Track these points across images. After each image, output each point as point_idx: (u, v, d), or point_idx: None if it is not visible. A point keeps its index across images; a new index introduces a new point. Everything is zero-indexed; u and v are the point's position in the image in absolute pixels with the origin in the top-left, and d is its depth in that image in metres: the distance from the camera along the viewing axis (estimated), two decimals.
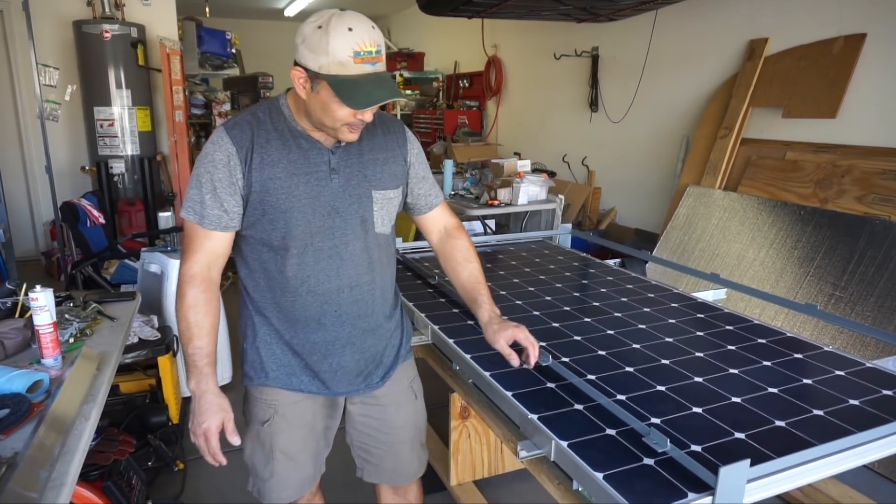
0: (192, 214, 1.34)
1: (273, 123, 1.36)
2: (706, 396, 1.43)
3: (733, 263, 3.57)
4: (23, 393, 1.38)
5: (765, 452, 1.19)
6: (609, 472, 1.13)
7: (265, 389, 1.48)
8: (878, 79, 3.24)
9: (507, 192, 4.14)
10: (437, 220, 1.63)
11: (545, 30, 5.92)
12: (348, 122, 1.29)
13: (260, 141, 1.33)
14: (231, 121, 1.37)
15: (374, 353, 1.53)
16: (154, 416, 2.64)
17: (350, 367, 1.49)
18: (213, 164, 1.32)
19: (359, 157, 1.42)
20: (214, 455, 1.34)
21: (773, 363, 1.62)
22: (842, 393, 1.45)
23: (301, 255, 1.37)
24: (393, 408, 1.59)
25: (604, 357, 1.66)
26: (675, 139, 4.61)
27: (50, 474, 1.15)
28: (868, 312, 2.88)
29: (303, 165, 1.35)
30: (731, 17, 4.08)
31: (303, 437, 1.53)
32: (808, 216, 3.35)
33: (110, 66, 4.95)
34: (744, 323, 1.92)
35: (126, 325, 1.98)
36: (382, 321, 1.53)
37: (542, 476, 1.35)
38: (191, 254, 1.36)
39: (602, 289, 2.28)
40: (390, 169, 1.47)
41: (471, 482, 2.31)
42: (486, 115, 7.46)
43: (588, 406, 1.39)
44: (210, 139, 1.36)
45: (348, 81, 1.23)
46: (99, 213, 4.08)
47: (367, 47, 1.22)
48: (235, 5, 8.26)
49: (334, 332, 1.44)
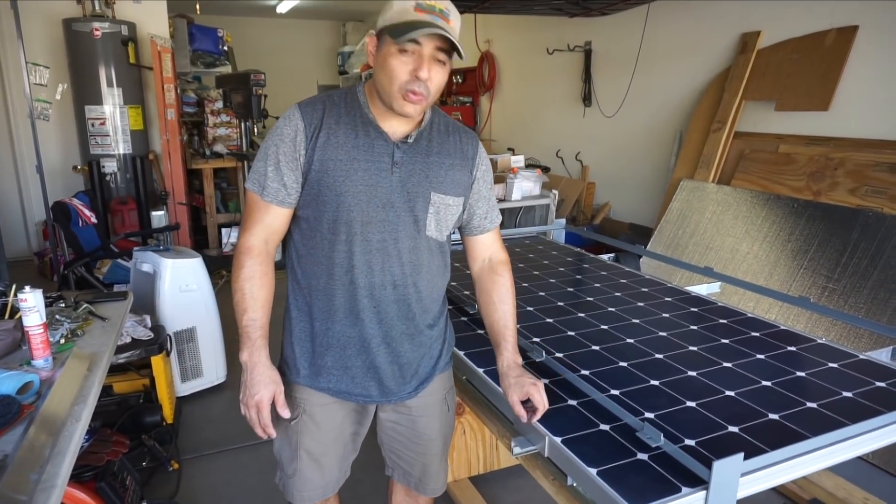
0: (255, 185, 1.36)
1: (346, 107, 1.36)
2: (700, 390, 1.43)
3: (727, 257, 3.57)
4: (13, 395, 1.37)
5: (759, 445, 1.19)
6: (603, 468, 1.13)
7: (295, 387, 1.47)
8: (870, 71, 3.24)
9: (501, 187, 4.14)
10: (485, 246, 1.56)
11: (538, 25, 5.91)
12: (405, 85, 1.25)
13: (329, 121, 1.34)
14: (307, 99, 1.39)
15: (410, 360, 1.46)
16: (148, 416, 2.63)
17: (383, 370, 1.44)
18: (280, 137, 1.34)
19: (425, 156, 1.39)
20: (265, 427, 1.34)
21: (766, 356, 1.62)
22: (835, 385, 1.45)
23: (349, 243, 1.35)
24: (424, 420, 1.54)
25: (597, 352, 1.66)
26: (669, 133, 4.61)
27: (40, 476, 1.14)
28: (861, 304, 2.88)
29: (366, 152, 1.34)
30: (724, 11, 4.08)
31: (329, 440, 1.50)
32: (802, 209, 3.36)
33: (101, 64, 4.92)
34: (737, 316, 1.93)
35: (118, 325, 1.97)
36: (423, 329, 1.47)
37: (537, 472, 1.35)
38: (250, 226, 1.38)
39: (596, 283, 2.28)
40: (454, 176, 1.43)
41: (466, 478, 2.31)
42: (479, 110, 7.45)
43: (581, 401, 1.39)
44: (283, 115, 1.38)
45: (405, 24, 1.22)
46: (91, 213, 4.06)
47: (430, 2, 1.23)
48: (227, 2, 8.21)
49: (371, 329, 1.40)
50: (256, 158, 1.38)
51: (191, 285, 3.01)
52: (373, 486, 2.25)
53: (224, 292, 4.70)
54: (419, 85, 1.25)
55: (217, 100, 6.03)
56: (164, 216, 3.93)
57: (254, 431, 1.36)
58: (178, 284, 2.98)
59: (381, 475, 1.72)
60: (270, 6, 8.73)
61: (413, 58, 1.24)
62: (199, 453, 2.70)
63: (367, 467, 1.65)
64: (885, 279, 2.86)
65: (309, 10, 8.79)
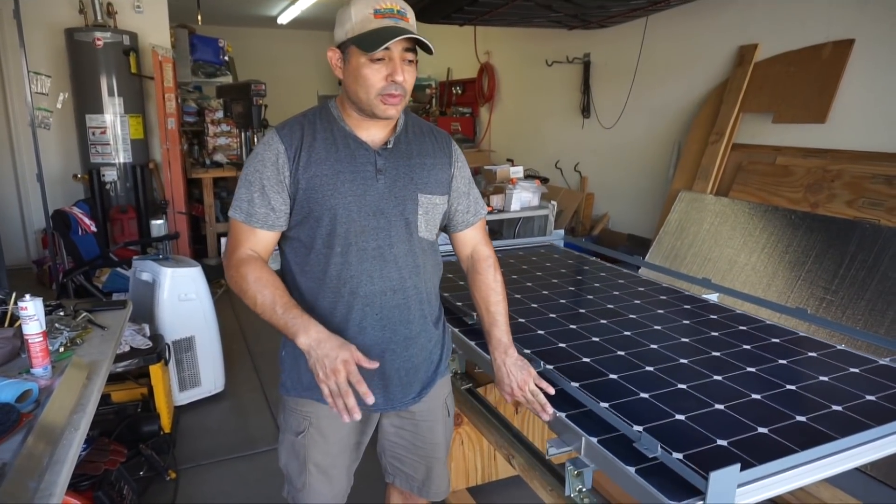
0: (240, 213, 1.36)
1: (323, 124, 1.38)
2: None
3: (725, 268, 3.58)
4: (12, 403, 1.37)
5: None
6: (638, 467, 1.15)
7: (301, 400, 1.47)
8: (866, 84, 3.27)
9: (499, 198, 4.16)
10: (468, 240, 1.58)
11: (537, 37, 5.95)
12: (382, 90, 1.28)
13: (308, 140, 1.35)
14: (283, 122, 1.40)
15: (413, 365, 1.48)
16: (146, 425, 2.63)
17: (388, 376, 1.45)
18: (262, 163, 1.34)
19: (406, 159, 1.42)
20: (359, 384, 1.19)
21: (788, 361, 1.63)
22: (858, 389, 1.47)
23: (345, 255, 1.36)
24: (427, 424, 1.57)
25: (622, 357, 1.67)
26: (667, 145, 4.63)
27: (38, 485, 1.14)
28: (859, 316, 2.89)
29: (349, 164, 1.36)
30: (721, 24, 4.12)
31: (336, 452, 1.51)
32: (799, 220, 3.37)
33: (102, 73, 4.95)
34: (757, 323, 1.96)
35: (117, 333, 1.97)
36: (424, 330, 1.49)
37: (535, 482, 1.35)
38: (236, 247, 1.36)
39: (615, 292, 2.28)
40: (437, 175, 1.46)
41: (464, 489, 2.30)
42: (479, 121, 7.48)
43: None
44: (261, 140, 1.39)
45: (370, 33, 1.25)
46: (90, 221, 4.07)
47: (387, 5, 1.26)
48: (228, 13, 8.26)
49: (374, 336, 1.41)
50: (238, 187, 1.38)
51: (190, 294, 3.02)
52: (370, 494, 2.24)
53: (223, 301, 4.70)
54: (395, 87, 1.29)
55: (217, 109, 6.06)
56: (163, 225, 3.94)
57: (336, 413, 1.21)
58: (177, 293, 2.99)
59: (375, 482, 1.72)
60: (271, 17, 8.79)
61: (385, 63, 1.28)
62: (196, 463, 2.69)
63: (361, 474, 1.65)
64: (883, 291, 2.86)
65: (310, 20, 8.85)
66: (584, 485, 1.29)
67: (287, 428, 1.52)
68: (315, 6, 7.61)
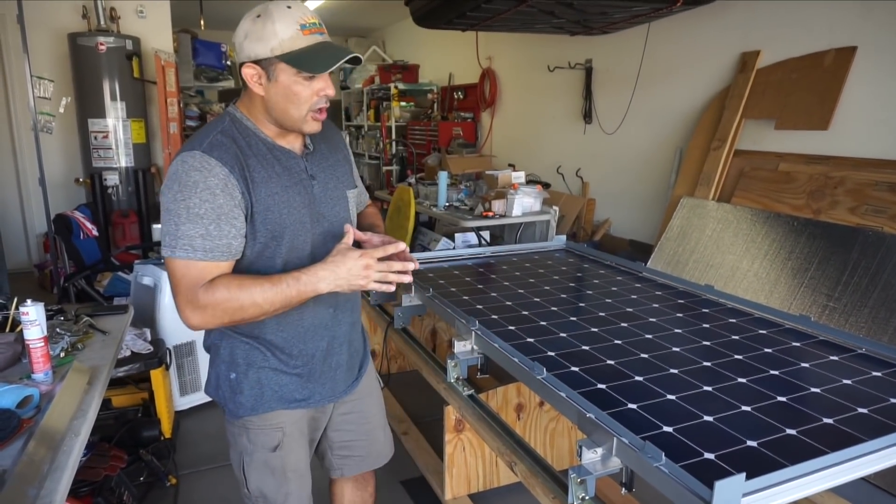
0: (192, 252, 1.22)
1: (245, 139, 1.31)
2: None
3: (727, 275, 3.57)
4: (12, 408, 1.36)
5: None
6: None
7: (267, 415, 1.43)
8: (869, 91, 3.27)
9: (501, 203, 4.15)
10: (367, 215, 1.69)
11: (539, 42, 5.96)
12: (314, 105, 1.29)
13: (242, 159, 1.27)
14: (201, 143, 1.25)
15: (358, 345, 1.60)
16: (146, 431, 2.62)
17: (344, 363, 1.53)
18: (208, 192, 1.21)
19: (325, 160, 1.44)
20: (390, 266, 1.26)
21: (810, 365, 1.62)
22: (883, 393, 1.47)
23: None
24: (369, 398, 1.66)
25: (647, 360, 1.66)
26: (669, 151, 4.63)
27: (38, 492, 1.13)
28: (862, 323, 2.88)
29: (288, 178, 1.34)
30: (724, 30, 4.12)
31: (306, 451, 1.55)
32: (802, 227, 3.37)
33: (105, 78, 4.96)
34: (777, 327, 1.95)
35: (118, 338, 1.97)
36: (359, 312, 1.61)
37: (537, 490, 1.34)
38: (194, 286, 1.23)
39: (632, 295, 2.27)
40: (346, 168, 1.52)
41: (466, 496, 2.29)
42: (480, 126, 7.49)
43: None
44: (187, 166, 1.22)
45: (303, 52, 1.24)
46: (92, 226, 4.07)
47: (310, 20, 1.26)
48: (231, 18, 8.27)
49: (334, 331, 1.48)
50: (178, 222, 1.22)
51: None
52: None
53: None
54: (325, 101, 1.31)
55: (220, 114, 6.06)
56: None
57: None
58: None
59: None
60: None
61: (317, 80, 1.28)
62: (196, 468, 2.68)
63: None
64: (886, 298, 2.85)
65: None
66: (586, 493, 1.29)
67: (256, 448, 1.46)
68: (316, 12, 7.63)
